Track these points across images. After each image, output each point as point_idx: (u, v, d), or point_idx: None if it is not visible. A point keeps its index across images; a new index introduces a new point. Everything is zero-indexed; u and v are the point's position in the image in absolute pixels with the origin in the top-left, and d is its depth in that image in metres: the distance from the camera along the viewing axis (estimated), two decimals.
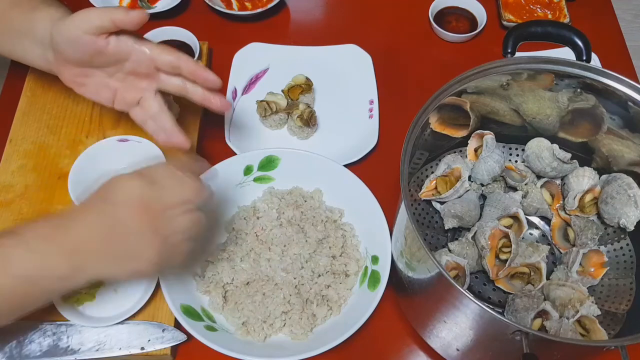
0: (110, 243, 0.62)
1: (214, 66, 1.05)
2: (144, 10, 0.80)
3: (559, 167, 0.80)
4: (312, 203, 0.84)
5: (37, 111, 0.95)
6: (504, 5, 1.10)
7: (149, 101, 0.75)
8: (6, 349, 0.72)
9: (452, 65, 1.06)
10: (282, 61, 1.03)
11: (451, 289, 0.60)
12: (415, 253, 0.67)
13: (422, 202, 0.82)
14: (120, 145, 0.85)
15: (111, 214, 0.62)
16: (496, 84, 0.75)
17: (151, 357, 0.75)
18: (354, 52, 1.03)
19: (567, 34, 0.74)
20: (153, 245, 0.62)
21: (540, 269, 0.75)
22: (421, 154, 0.80)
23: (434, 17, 1.09)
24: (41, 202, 0.86)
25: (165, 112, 0.75)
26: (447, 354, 0.73)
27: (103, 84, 0.74)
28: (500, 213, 0.79)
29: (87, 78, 0.74)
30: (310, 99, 0.98)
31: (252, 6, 1.10)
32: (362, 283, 0.78)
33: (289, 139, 0.96)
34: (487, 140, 0.81)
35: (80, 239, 0.61)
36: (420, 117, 0.69)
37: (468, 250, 0.77)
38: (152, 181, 0.64)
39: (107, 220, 0.62)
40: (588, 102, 0.75)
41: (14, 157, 0.90)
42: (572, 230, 0.79)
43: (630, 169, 0.77)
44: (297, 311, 0.75)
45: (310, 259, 0.78)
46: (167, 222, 0.63)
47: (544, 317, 0.71)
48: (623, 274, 0.77)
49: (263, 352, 0.72)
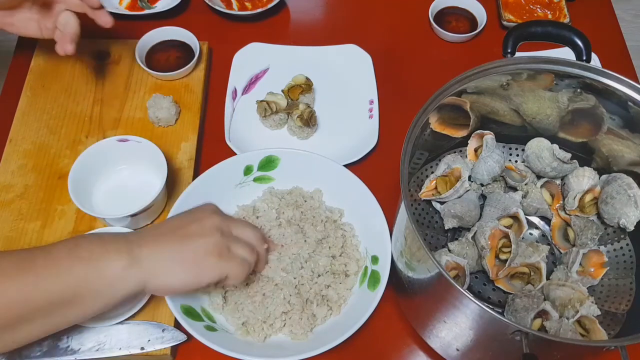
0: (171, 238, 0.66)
1: (214, 66, 1.05)
2: None
3: (559, 167, 0.80)
4: (312, 203, 0.84)
5: (37, 111, 0.95)
6: (504, 5, 1.10)
7: (59, 17, 0.84)
8: None
9: (452, 65, 1.06)
10: (282, 61, 1.03)
11: (451, 289, 0.60)
12: (415, 253, 0.67)
13: (422, 202, 0.82)
14: (120, 145, 0.85)
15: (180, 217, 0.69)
16: (496, 84, 0.75)
17: (151, 357, 0.75)
18: (354, 52, 1.03)
19: (567, 34, 0.74)
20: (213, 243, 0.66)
21: (540, 269, 0.75)
22: (421, 154, 0.80)
23: (434, 17, 1.09)
24: (41, 202, 0.86)
25: (72, 23, 0.84)
26: (447, 354, 0.73)
27: (27, 19, 0.85)
28: (500, 213, 0.79)
29: (12, 18, 0.85)
30: (310, 99, 0.98)
31: (252, 6, 1.10)
32: (362, 283, 0.78)
33: (289, 139, 0.96)
34: (487, 140, 0.81)
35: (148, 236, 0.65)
36: (420, 117, 0.69)
37: (468, 250, 0.77)
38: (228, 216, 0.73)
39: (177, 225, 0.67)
40: (588, 102, 0.75)
41: (14, 157, 0.90)
42: (572, 230, 0.79)
43: (630, 169, 0.77)
44: (297, 311, 0.75)
45: (310, 259, 0.78)
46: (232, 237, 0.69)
47: (544, 317, 0.71)
48: (623, 274, 0.77)
49: (263, 352, 0.72)
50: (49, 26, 0.85)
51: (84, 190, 0.83)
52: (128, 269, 0.62)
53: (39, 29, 0.85)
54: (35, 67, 1.00)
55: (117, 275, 0.62)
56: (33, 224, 0.84)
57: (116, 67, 1.00)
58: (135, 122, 0.95)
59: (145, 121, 0.94)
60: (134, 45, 0.99)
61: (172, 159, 0.91)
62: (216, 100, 0.99)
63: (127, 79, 0.99)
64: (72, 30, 0.83)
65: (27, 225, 0.84)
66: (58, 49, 0.84)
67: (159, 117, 0.93)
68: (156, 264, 0.64)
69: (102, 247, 0.63)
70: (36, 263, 0.60)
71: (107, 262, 0.62)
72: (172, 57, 1.01)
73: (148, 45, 1.01)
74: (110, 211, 0.83)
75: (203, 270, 0.66)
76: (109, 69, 1.00)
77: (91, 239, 0.64)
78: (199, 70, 1.01)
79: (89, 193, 0.85)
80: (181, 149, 0.92)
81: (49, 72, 0.99)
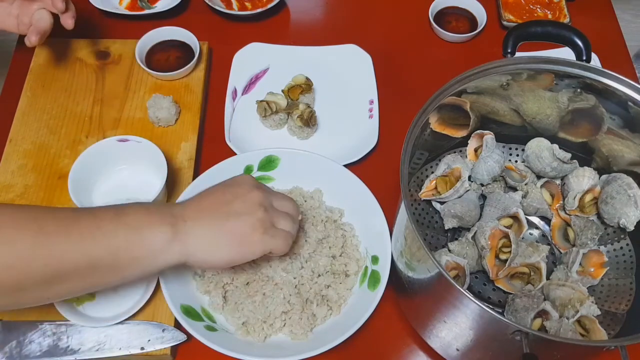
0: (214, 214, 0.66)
1: (214, 66, 1.05)
2: None
3: (559, 167, 0.80)
4: (312, 203, 0.84)
5: (37, 111, 0.95)
6: (504, 5, 1.10)
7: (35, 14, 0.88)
8: (6, 349, 0.72)
9: (452, 65, 1.06)
10: (282, 61, 1.03)
11: (451, 289, 0.60)
12: (415, 253, 0.67)
13: (422, 202, 0.82)
14: (120, 145, 0.85)
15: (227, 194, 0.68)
16: (496, 84, 0.75)
17: (151, 357, 0.75)
18: (354, 52, 1.03)
19: (567, 34, 0.74)
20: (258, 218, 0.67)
21: (540, 269, 0.75)
22: (421, 154, 0.80)
23: (434, 17, 1.09)
24: (41, 202, 0.86)
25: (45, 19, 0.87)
26: (447, 354, 0.73)
27: (7, 13, 0.89)
28: (500, 213, 0.79)
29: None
30: (310, 99, 0.98)
31: (252, 6, 1.10)
32: (362, 283, 0.78)
33: (289, 139, 0.96)
34: (487, 140, 0.81)
35: (191, 208, 0.66)
36: (420, 117, 0.69)
37: (468, 250, 0.77)
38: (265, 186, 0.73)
39: (221, 199, 0.67)
40: (588, 102, 0.75)
41: (14, 157, 0.90)
42: (572, 230, 0.79)
43: (630, 169, 0.77)
44: (297, 311, 0.75)
45: (310, 258, 0.78)
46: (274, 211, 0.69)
47: (544, 317, 0.71)
48: (623, 274, 0.77)
49: (263, 352, 0.72)
50: (26, 22, 0.88)
51: (84, 190, 0.83)
52: (171, 241, 0.62)
53: (16, 24, 0.89)
54: (35, 67, 1.00)
55: (159, 246, 0.62)
56: None
57: (116, 67, 1.00)
58: (135, 122, 0.95)
59: (145, 121, 0.94)
60: (134, 45, 0.99)
61: (172, 159, 0.90)
62: (216, 100, 0.99)
63: (127, 79, 0.99)
64: (42, 25, 0.87)
65: None
66: (25, 40, 0.87)
67: (159, 117, 0.93)
68: (200, 239, 0.64)
69: (147, 215, 0.63)
70: (80, 223, 0.60)
71: (151, 232, 0.62)
72: (172, 57, 1.01)
73: (148, 45, 1.01)
74: None
75: (248, 247, 0.66)
76: (109, 69, 1.00)
77: (137, 207, 0.64)
78: (199, 70, 1.01)
79: (89, 193, 0.85)
80: (181, 149, 0.92)
81: (49, 72, 0.99)
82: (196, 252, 0.64)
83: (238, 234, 0.66)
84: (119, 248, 0.60)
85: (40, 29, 0.86)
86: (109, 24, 1.08)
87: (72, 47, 1.02)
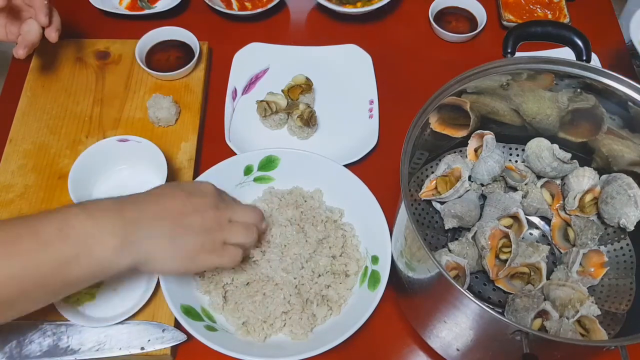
0: (172, 227, 0.65)
1: (214, 66, 1.05)
2: None
3: (559, 167, 0.80)
4: (312, 203, 0.84)
5: (37, 111, 0.95)
6: (504, 5, 1.10)
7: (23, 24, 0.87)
8: (6, 349, 0.72)
9: (452, 65, 1.06)
10: (282, 61, 1.03)
11: (451, 289, 0.60)
12: (415, 253, 0.67)
13: (422, 202, 0.82)
14: (120, 145, 0.85)
15: (184, 204, 0.67)
16: (496, 84, 0.75)
17: (151, 357, 0.75)
18: (354, 52, 1.03)
19: (567, 34, 0.74)
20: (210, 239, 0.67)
21: (540, 269, 0.75)
22: (421, 154, 0.80)
23: (434, 17, 1.09)
24: (41, 202, 0.86)
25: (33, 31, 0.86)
26: (447, 354, 0.73)
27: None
28: (500, 213, 0.79)
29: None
30: (310, 99, 0.98)
31: (252, 6, 1.10)
32: (362, 283, 0.78)
33: (289, 139, 0.96)
34: (487, 140, 0.81)
35: (145, 215, 0.64)
36: (420, 117, 0.69)
37: (468, 250, 0.77)
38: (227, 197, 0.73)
39: (178, 209, 0.66)
40: (588, 102, 0.75)
41: (14, 157, 0.90)
42: (572, 230, 0.79)
43: (630, 169, 0.77)
44: (297, 311, 0.75)
45: (310, 259, 0.78)
46: (228, 228, 0.69)
47: (544, 317, 0.71)
48: (623, 274, 0.77)
49: (263, 352, 0.72)
50: (14, 31, 0.88)
51: (84, 190, 0.83)
52: (121, 250, 0.61)
53: (5, 34, 0.89)
54: (35, 67, 1.00)
55: (109, 257, 0.61)
56: None
57: (116, 67, 1.00)
58: (135, 122, 0.95)
59: (145, 121, 0.94)
60: (134, 45, 0.99)
61: (172, 159, 0.90)
62: (216, 100, 0.99)
63: (127, 79, 0.99)
64: (30, 37, 0.86)
65: None
66: (13, 52, 0.87)
67: (159, 117, 0.93)
68: (150, 249, 0.64)
69: (94, 226, 0.60)
70: (22, 245, 0.58)
71: (100, 244, 0.60)
72: (172, 57, 1.01)
73: (148, 45, 1.01)
74: None
75: (195, 263, 0.68)
76: (109, 69, 1.00)
77: (82, 216, 0.60)
78: (199, 70, 1.01)
79: (89, 193, 0.85)
80: (181, 149, 0.92)
81: (49, 72, 0.99)
82: (146, 261, 0.64)
83: (188, 250, 0.66)
84: (68, 262, 0.59)
85: (28, 42, 0.86)
86: (109, 24, 1.08)
87: (72, 47, 1.02)
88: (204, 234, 0.67)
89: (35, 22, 0.86)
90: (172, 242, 0.65)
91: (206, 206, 0.68)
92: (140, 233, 0.63)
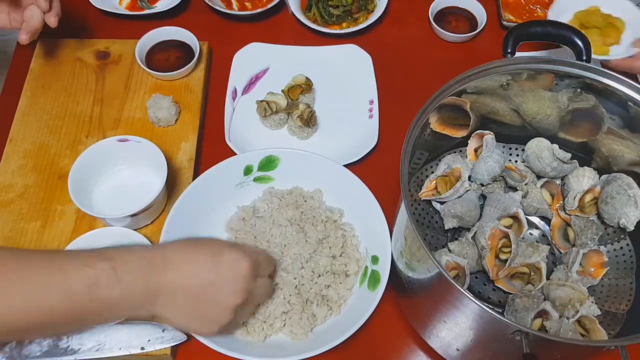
0: (193, 306, 0.63)
1: (214, 66, 1.05)
2: None
3: (559, 167, 0.80)
4: (312, 203, 0.84)
5: (37, 111, 0.95)
6: (504, 5, 1.10)
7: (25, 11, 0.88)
8: (6, 349, 0.72)
9: (452, 65, 1.06)
10: (282, 61, 1.03)
11: (451, 289, 0.60)
12: (415, 253, 0.67)
13: (422, 202, 0.82)
14: (120, 145, 0.85)
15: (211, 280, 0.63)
16: (496, 84, 0.75)
17: (151, 357, 0.75)
18: (354, 52, 1.03)
19: (567, 34, 0.74)
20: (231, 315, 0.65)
21: (540, 269, 0.75)
22: (421, 154, 0.80)
23: (434, 17, 1.09)
24: (41, 202, 0.86)
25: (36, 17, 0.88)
26: (447, 354, 0.73)
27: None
28: (500, 213, 0.79)
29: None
30: (310, 99, 0.98)
31: (252, 6, 1.10)
32: (362, 283, 0.78)
33: (289, 139, 0.96)
34: (487, 140, 0.81)
35: (169, 287, 0.62)
36: (420, 117, 0.69)
37: (468, 250, 0.77)
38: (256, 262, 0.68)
39: (202, 282, 0.63)
40: (588, 102, 0.75)
41: (14, 157, 0.90)
42: (572, 230, 0.79)
43: (630, 169, 0.77)
44: (297, 311, 0.75)
45: (310, 259, 0.78)
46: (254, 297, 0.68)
47: (544, 317, 0.71)
48: (623, 274, 0.77)
49: (263, 352, 0.72)
50: (18, 18, 0.89)
51: (84, 190, 0.83)
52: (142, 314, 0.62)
53: (9, 21, 0.90)
54: (35, 67, 1.00)
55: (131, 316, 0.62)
56: (33, 224, 0.84)
57: (116, 67, 1.00)
58: (135, 122, 0.95)
59: (145, 121, 0.94)
60: (134, 45, 0.99)
61: (172, 159, 0.90)
62: (216, 100, 0.99)
63: (127, 79, 0.99)
64: (33, 23, 0.87)
65: (27, 225, 0.84)
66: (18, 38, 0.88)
67: (159, 117, 0.93)
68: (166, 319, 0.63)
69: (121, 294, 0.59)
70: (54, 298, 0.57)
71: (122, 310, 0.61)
72: (172, 57, 1.01)
73: (148, 45, 1.01)
74: (110, 211, 0.83)
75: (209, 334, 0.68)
76: (109, 69, 1.00)
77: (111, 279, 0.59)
78: (199, 70, 1.01)
79: (89, 193, 0.85)
80: (181, 149, 0.92)
81: (49, 72, 0.99)
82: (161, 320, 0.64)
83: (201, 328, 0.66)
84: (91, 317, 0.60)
85: (31, 28, 0.87)
86: (109, 24, 1.08)
87: (72, 47, 1.02)
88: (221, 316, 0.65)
89: (37, 8, 0.87)
90: (187, 319, 0.64)
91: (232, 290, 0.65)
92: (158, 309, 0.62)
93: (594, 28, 0.94)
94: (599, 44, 0.92)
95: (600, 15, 0.96)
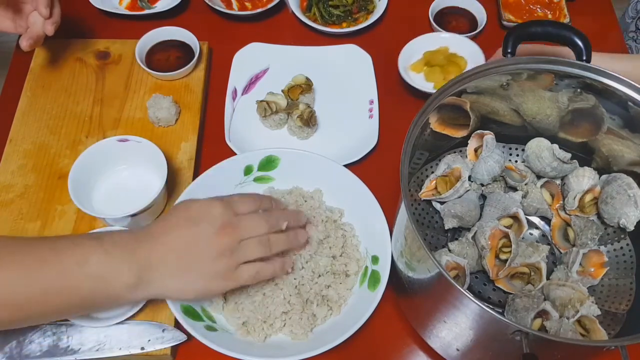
0: (183, 261, 0.66)
1: (214, 66, 1.05)
2: None
3: (559, 167, 0.80)
4: (312, 203, 0.84)
5: (37, 111, 0.95)
6: (504, 5, 1.10)
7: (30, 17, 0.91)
8: (6, 349, 0.72)
9: None
10: (282, 61, 1.03)
11: (451, 289, 0.60)
12: (415, 253, 0.67)
13: (422, 202, 0.82)
14: (120, 145, 0.85)
15: (192, 235, 0.67)
16: (496, 84, 0.75)
17: (151, 357, 0.75)
18: (354, 52, 1.03)
19: (567, 34, 0.74)
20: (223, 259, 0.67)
21: (540, 269, 0.75)
22: (421, 154, 0.80)
23: (434, 17, 1.09)
24: (41, 202, 0.86)
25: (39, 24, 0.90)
26: (447, 354, 0.73)
27: (2, 16, 0.91)
28: (500, 213, 0.79)
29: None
30: (310, 99, 0.98)
31: (252, 6, 1.10)
32: (362, 283, 0.78)
33: (289, 139, 0.96)
34: (487, 140, 0.81)
35: (156, 254, 0.66)
36: (420, 117, 0.69)
37: (468, 250, 0.77)
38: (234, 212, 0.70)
39: (186, 240, 0.67)
40: (588, 102, 0.75)
41: (14, 157, 0.90)
42: (572, 230, 0.79)
43: (630, 169, 0.77)
44: (297, 311, 0.75)
45: (310, 259, 0.78)
46: (240, 249, 0.69)
47: (544, 317, 0.71)
48: (623, 274, 0.77)
49: (263, 352, 0.72)
50: (22, 24, 0.91)
51: (84, 190, 0.83)
52: (134, 288, 0.65)
53: (14, 26, 0.91)
54: (35, 67, 1.00)
55: (123, 294, 0.65)
56: (33, 224, 0.84)
57: (116, 67, 1.01)
58: (135, 122, 0.95)
59: (145, 121, 0.94)
60: (134, 45, 0.99)
61: (172, 159, 0.91)
62: (216, 100, 0.99)
63: (127, 79, 0.99)
64: (36, 30, 0.89)
65: (27, 225, 0.84)
66: (19, 43, 0.90)
67: (159, 117, 0.93)
68: (163, 285, 0.66)
69: (111, 265, 0.64)
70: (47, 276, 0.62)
71: (116, 282, 0.64)
72: (172, 57, 1.01)
73: (148, 45, 1.01)
74: (110, 211, 0.83)
75: (210, 290, 0.69)
76: (109, 69, 1.00)
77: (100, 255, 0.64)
78: (199, 70, 1.01)
79: (89, 193, 0.85)
80: (181, 149, 0.92)
81: (49, 72, 0.99)
82: (162, 295, 0.68)
83: (200, 281, 0.67)
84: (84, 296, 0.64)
85: (34, 34, 0.89)
86: (109, 24, 1.08)
87: (72, 47, 1.02)
88: (214, 262, 0.67)
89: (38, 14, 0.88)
90: (183, 277, 0.67)
91: (213, 232, 0.67)
92: (152, 274, 0.65)
93: (436, 66, 1.02)
94: (440, 79, 1.00)
95: (444, 54, 1.03)
